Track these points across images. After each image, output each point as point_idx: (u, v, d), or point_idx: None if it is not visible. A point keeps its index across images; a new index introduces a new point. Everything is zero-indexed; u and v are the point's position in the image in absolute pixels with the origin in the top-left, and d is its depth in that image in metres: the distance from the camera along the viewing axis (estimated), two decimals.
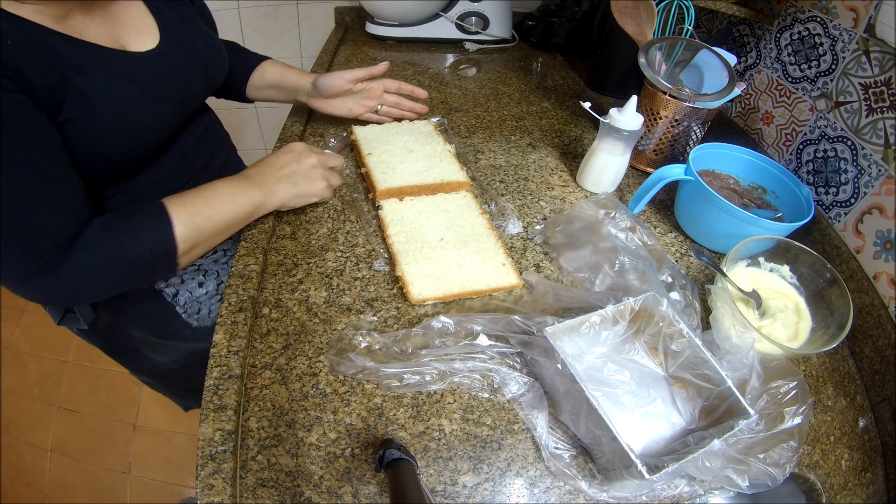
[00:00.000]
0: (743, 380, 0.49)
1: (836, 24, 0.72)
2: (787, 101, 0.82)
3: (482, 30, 1.16)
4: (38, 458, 1.43)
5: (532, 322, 0.50)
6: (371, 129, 0.79)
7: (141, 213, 0.52)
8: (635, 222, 0.65)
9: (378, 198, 0.67)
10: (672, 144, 0.79)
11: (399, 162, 0.72)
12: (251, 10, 1.34)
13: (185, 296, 0.70)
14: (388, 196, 0.67)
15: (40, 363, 1.61)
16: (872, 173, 0.65)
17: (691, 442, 0.44)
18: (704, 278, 0.65)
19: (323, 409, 0.46)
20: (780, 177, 0.71)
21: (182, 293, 0.70)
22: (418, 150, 0.75)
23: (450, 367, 0.49)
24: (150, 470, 1.42)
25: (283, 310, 0.54)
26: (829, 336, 0.53)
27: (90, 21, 0.51)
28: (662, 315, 0.51)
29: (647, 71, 0.74)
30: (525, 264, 0.63)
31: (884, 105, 0.64)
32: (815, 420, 0.53)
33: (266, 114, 1.61)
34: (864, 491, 0.50)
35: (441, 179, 0.70)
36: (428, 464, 0.44)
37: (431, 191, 0.69)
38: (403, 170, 0.71)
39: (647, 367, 0.52)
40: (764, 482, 0.43)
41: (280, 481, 0.41)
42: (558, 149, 0.86)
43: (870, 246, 0.63)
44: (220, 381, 0.45)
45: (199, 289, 0.71)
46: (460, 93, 0.99)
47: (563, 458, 0.45)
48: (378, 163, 0.72)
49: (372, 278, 0.58)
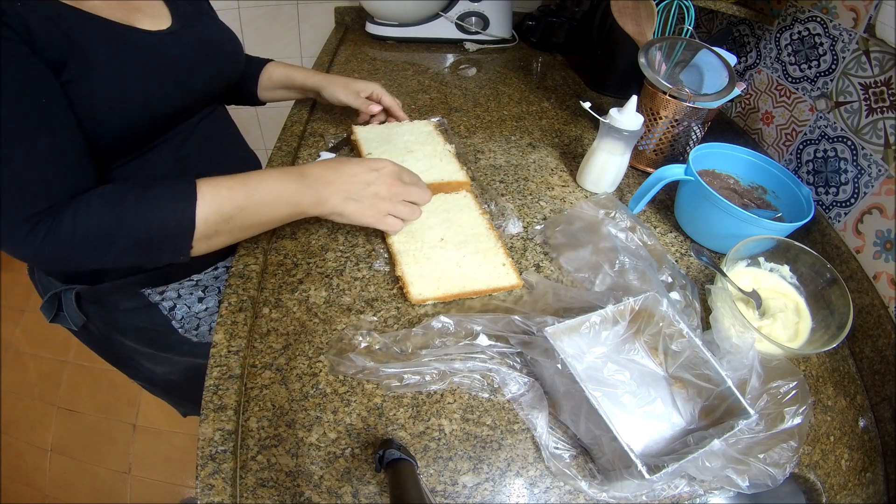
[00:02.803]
0: (743, 380, 0.49)
1: (836, 24, 0.72)
2: (787, 101, 0.82)
3: (482, 30, 1.16)
4: (38, 458, 1.43)
5: (532, 322, 0.50)
6: (371, 129, 0.79)
7: (164, 184, 0.48)
8: (635, 222, 0.65)
9: None
10: (672, 144, 0.79)
11: (399, 161, 0.72)
12: (251, 10, 1.34)
13: (182, 310, 0.68)
14: None
15: (40, 363, 1.61)
16: (872, 173, 0.65)
17: (691, 442, 0.44)
18: (704, 278, 0.65)
19: (323, 409, 0.46)
20: (780, 177, 0.71)
21: (179, 307, 0.68)
22: (418, 150, 0.75)
23: (450, 367, 0.49)
24: (150, 470, 1.42)
25: (283, 310, 0.54)
26: (829, 336, 0.53)
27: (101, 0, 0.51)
28: (662, 315, 0.51)
29: (647, 71, 0.74)
30: (525, 264, 0.63)
31: (884, 105, 0.64)
32: (815, 420, 0.53)
33: (266, 114, 1.61)
34: (864, 491, 0.50)
35: (441, 179, 0.70)
36: (428, 464, 0.44)
37: (431, 191, 0.69)
38: None
39: (647, 367, 0.52)
40: (764, 482, 0.43)
41: (280, 481, 0.41)
42: (558, 149, 0.86)
43: (870, 246, 0.63)
44: (220, 381, 0.45)
45: (199, 304, 0.69)
46: (460, 93, 0.99)
47: (563, 458, 0.45)
48: None
49: (372, 278, 0.58)
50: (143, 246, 0.47)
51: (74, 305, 0.65)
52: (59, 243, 0.45)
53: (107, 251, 0.47)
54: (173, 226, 0.48)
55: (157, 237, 0.47)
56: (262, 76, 0.80)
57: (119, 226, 0.46)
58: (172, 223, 0.47)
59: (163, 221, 0.47)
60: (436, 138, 0.79)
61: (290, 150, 0.76)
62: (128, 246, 0.47)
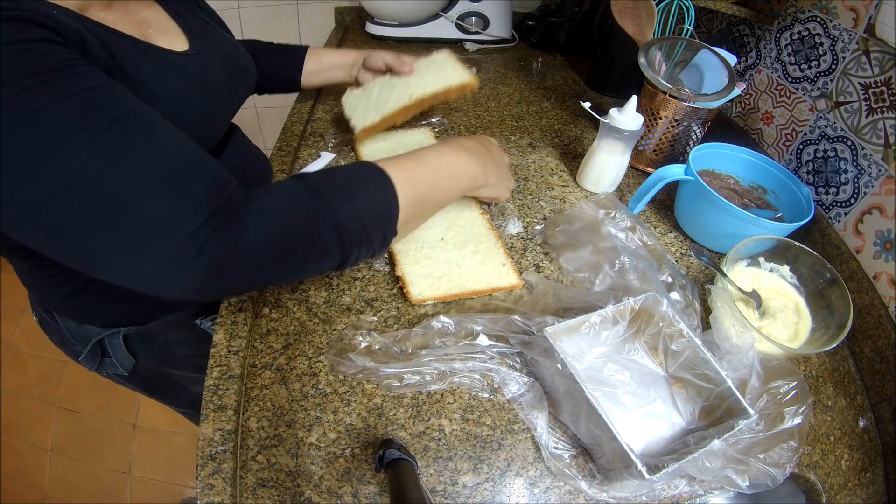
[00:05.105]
0: (743, 380, 0.49)
1: (836, 24, 0.72)
2: (787, 101, 0.82)
3: (482, 30, 1.16)
4: (38, 458, 1.43)
5: (532, 322, 0.50)
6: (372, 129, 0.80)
7: (346, 170, 0.42)
8: (635, 222, 0.65)
9: None
10: (672, 144, 0.79)
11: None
12: (251, 10, 1.34)
13: None
14: None
15: (40, 363, 1.61)
16: (872, 173, 0.65)
17: (691, 442, 0.44)
18: (704, 278, 0.65)
19: (323, 409, 0.46)
20: (780, 177, 0.71)
21: None
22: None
23: (450, 367, 0.49)
24: (150, 470, 1.42)
25: (283, 310, 0.54)
26: (829, 336, 0.53)
27: (112, 17, 0.46)
28: (662, 315, 0.51)
29: (647, 71, 0.74)
30: (525, 264, 0.63)
31: (884, 105, 0.64)
32: (815, 420, 0.53)
33: (266, 114, 1.61)
34: (864, 491, 0.50)
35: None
36: (428, 464, 0.44)
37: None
38: None
39: (647, 367, 0.52)
40: (764, 482, 0.43)
41: (280, 481, 0.41)
42: (558, 149, 0.86)
43: (870, 246, 0.63)
44: (220, 381, 0.45)
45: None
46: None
47: (563, 458, 0.45)
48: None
49: (372, 278, 0.58)
50: (350, 238, 0.40)
51: (124, 348, 0.61)
52: (244, 254, 0.36)
53: (307, 252, 0.39)
54: (381, 210, 0.42)
55: (368, 224, 0.41)
56: (309, 61, 0.80)
57: (319, 217, 0.38)
58: (381, 208, 0.42)
59: (372, 206, 0.41)
60: (433, 141, 0.80)
61: (291, 150, 0.76)
62: (331, 243, 0.39)
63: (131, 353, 0.63)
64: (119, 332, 0.61)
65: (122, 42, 0.43)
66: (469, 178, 0.53)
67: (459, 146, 0.54)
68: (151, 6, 0.53)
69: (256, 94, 0.76)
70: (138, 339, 0.63)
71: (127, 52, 0.43)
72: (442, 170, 0.49)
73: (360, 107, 0.76)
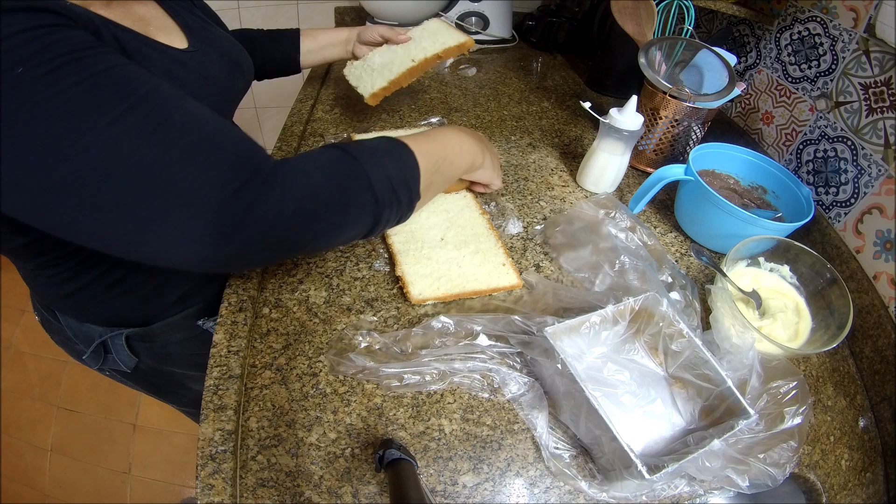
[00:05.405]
0: (743, 380, 0.49)
1: (836, 24, 0.72)
2: (787, 101, 0.82)
3: (482, 30, 1.16)
4: (38, 458, 1.43)
5: (532, 322, 0.50)
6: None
7: (370, 141, 0.45)
8: (635, 222, 0.65)
9: None
10: (672, 144, 0.79)
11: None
12: (251, 10, 1.34)
13: None
14: None
15: (40, 363, 1.61)
16: (872, 173, 0.65)
17: (691, 442, 0.44)
18: (704, 278, 0.65)
19: (323, 409, 0.46)
20: (780, 177, 0.71)
21: None
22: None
23: (450, 367, 0.49)
24: (150, 470, 1.42)
25: (283, 310, 0.54)
26: (829, 336, 0.53)
27: (112, 14, 0.46)
28: (662, 315, 0.51)
29: (647, 71, 0.74)
30: (525, 264, 0.63)
31: (884, 105, 0.64)
32: (815, 420, 0.53)
33: (266, 114, 1.61)
34: (864, 491, 0.50)
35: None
36: (428, 464, 0.44)
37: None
38: None
39: (647, 367, 0.52)
40: (764, 482, 0.43)
41: (280, 481, 0.41)
42: (558, 149, 0.86)
43: (870, 246, 0.63)
44: (220, 381, 0.45)
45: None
46: (460, 93, 0.99)
47: (563, 458, 0.45)
48: None
49: (372, 278, 0.58)
50: (383, 197, 0.43)
51: (126, 349, 0.63)
52: (291, 211, 0.37)
53: (346, 210, 0.41)
54: (407, 173, 0.46)
55: (397, 186, 0.44)
56: (305, 41, 0.83)
57: (355, 177, 0.41)
58: (406, 171, 0.46)
59: (398, 169, 0.45)
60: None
61: (291, 150, 0.76)
62: (366, 200, 0.42)
63: (133, 352, 0.64)
64: (121, 334, 0.61)
65: (129, 36, 0.44)
66: (471, 155, 0.59)
67: (460, 129, 0.60)
68: (149, 4, 0.53)
69: (256, 80, 0.78)
70: (140, 339, 0.64)
71: (135, 45, 0.44)
72: (449, 146, 0.55)
73: (364, 75, 0.80)
